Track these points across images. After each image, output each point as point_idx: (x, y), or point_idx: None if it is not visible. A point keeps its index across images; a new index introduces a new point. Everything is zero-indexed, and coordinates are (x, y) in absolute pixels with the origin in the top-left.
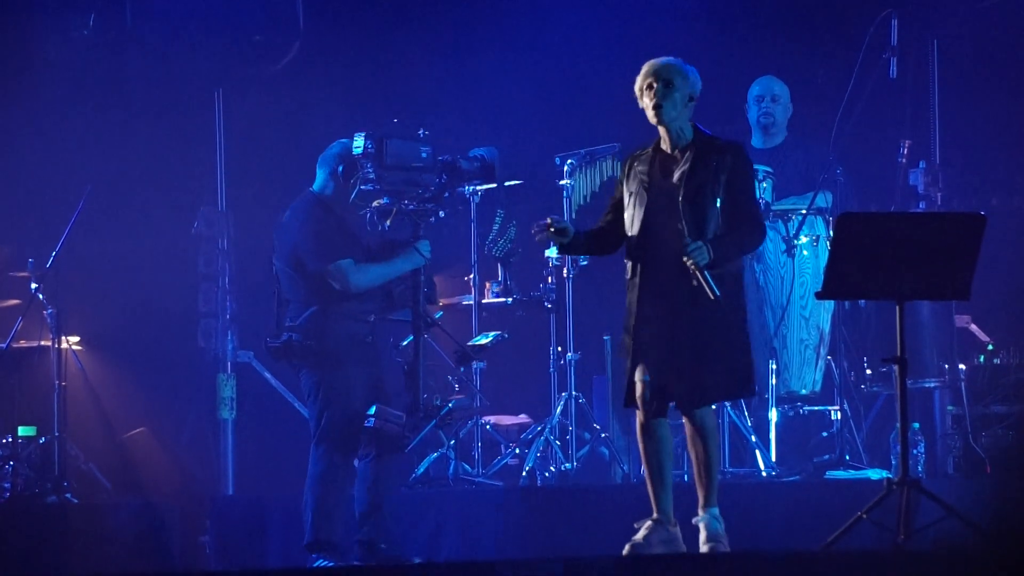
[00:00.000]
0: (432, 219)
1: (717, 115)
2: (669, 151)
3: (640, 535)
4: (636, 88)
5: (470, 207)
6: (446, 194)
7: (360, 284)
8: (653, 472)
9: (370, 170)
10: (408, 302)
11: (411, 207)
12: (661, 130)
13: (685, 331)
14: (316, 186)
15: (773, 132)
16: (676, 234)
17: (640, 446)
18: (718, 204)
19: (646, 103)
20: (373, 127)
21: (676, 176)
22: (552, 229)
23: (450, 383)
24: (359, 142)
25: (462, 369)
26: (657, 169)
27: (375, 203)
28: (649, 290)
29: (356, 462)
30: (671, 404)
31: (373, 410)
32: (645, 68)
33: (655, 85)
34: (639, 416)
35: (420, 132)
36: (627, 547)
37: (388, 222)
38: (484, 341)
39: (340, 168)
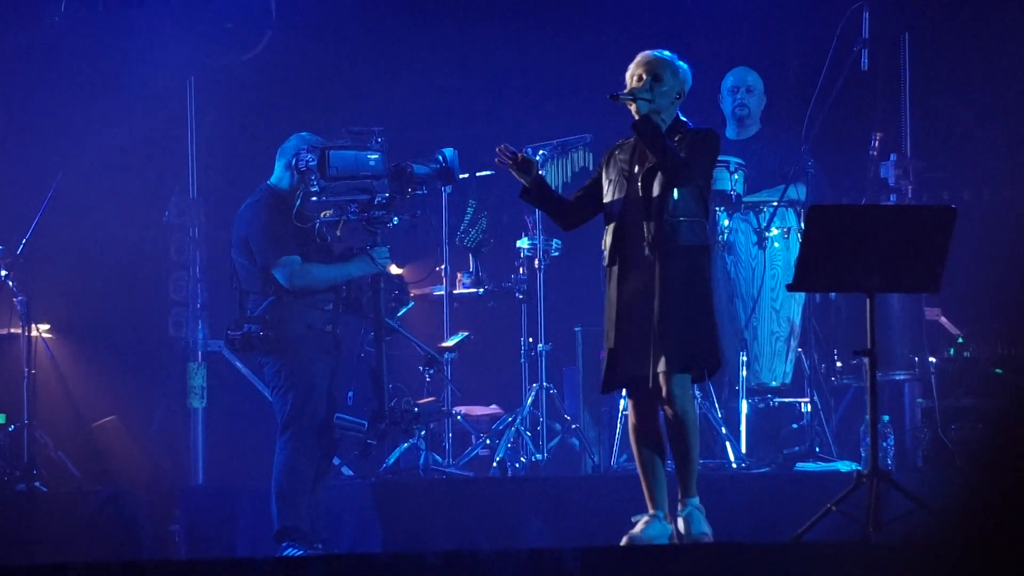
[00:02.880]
0: (389, 225)
1: (688, 106)
2: None
3: (637, 529)
4: (627, 75)
5: (441, 198)
6: (404, 199)
7: (302, 284)
8: (646, 469)
9: (313, 182)
10: (372, 309)
11: (356, 217)
12: None
13: (653, 309)
14: (272, 179)
15: (748, 123)
16: (647, 217)
17: (632, 443)
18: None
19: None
20: (329, 130)
21: (649, 165)
22: (519, 159)
23: (422, 373)
24: (302, 156)
25: (431, 371)
26: (637, 159)
27: (322, 214)
28: (626, 277)
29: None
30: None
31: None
32: (638, 58)
33: (644, 77)
34: (630, 416)
35: (374, 140)
36: (624, 539)
37: (338, 232)
38: (451, 343)
39: (294, 160)
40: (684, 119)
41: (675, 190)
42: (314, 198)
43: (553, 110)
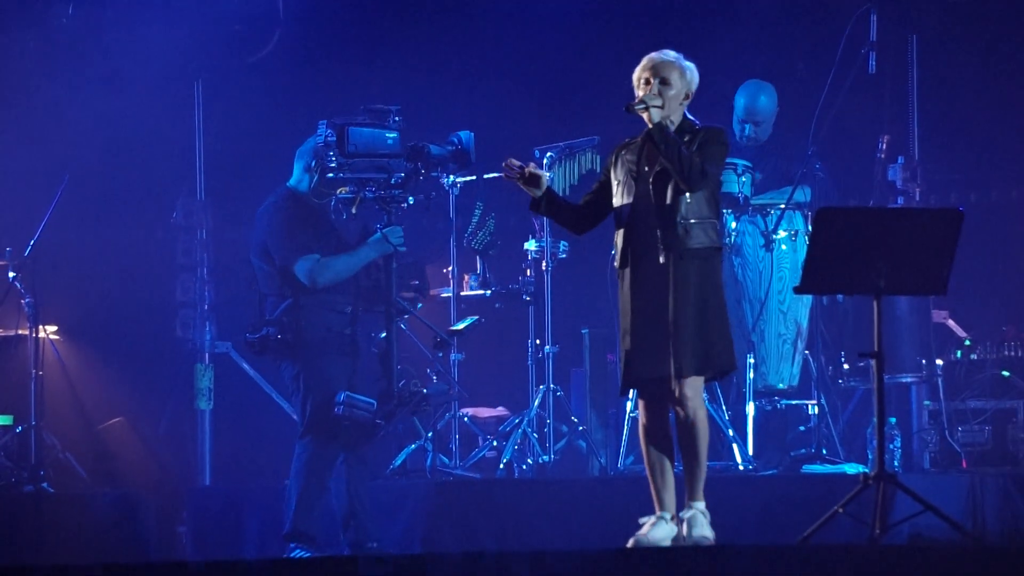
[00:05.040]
0: (403, 205)
1: (697, 108)
2: None
3: (644, 530)
4: (634, 78)
5: (449, 199)
6: (419, 179)
7: (325, 279)
8: (654, 470)
9: (331, 158)
10: (384, 289)
11: (372, 195)
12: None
13: (668, 313)
14: (292, 180)
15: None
16: (659, 220)
17: (641, 444)
18: None
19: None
20: (343, 114)
21: (658, 168)
22: (527, 173)
23: (428, 375)
24: (321, 130)
25: (439, 355)
26: (645, 159)
27: (339, 191)
28: (638, 278)
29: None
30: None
31: (341, 397)
32: (645, 61)
33: (652, 81)
34: (640, 416)
35: (391, 119)
36: (631, 541)
37: (354, 210)
38: (461, 326)
39: (313, 162)
40: (691, 118)
41: (687, 194)
42: (331, 174)
43: (561, 112)
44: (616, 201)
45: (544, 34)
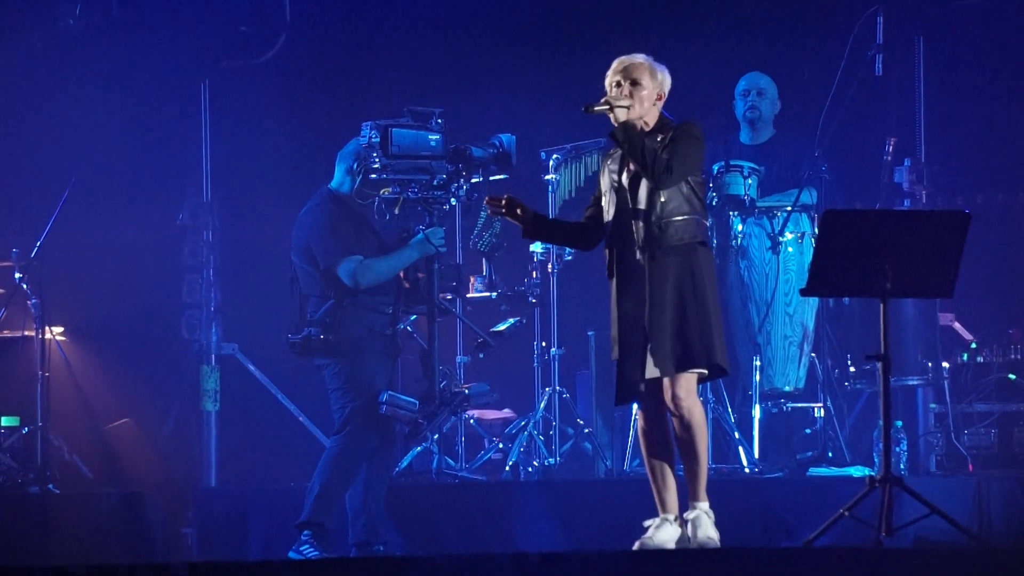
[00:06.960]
0: (445, 207)
1: (703, 110)
2: None
3: (649, 533)
4: (606, 83)
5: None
6: (460, 182)
7: (367, 280)
8: (655, 473)
9: (375, 159)
10: (426, 290)
11: (415, 195)
12: None
13: (651, 315)
14: (333, 183)
15: (760, 127)
16: (636, 222)
17: (641, 447)
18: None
19: None
20: (385, 115)
21: (633, 171)
22: (506, 206)
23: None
24: (364, 132)
25: (481, 356)
26: (625, 167)
27: (382, 192)
28: (625, 286)
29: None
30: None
31: (384, 397)
32: (615, 65)
33: (623, 83)
34: (639, 420)
35: (434, 120)
36: (637, 544)
37: (396, 210)
38: (502, 327)
39: (355, 165)
40: (669, 117)
41: (661, 192)
42: (373, 175)
43: (567, 114)
44: (604, 210)
45: (550, 35)
